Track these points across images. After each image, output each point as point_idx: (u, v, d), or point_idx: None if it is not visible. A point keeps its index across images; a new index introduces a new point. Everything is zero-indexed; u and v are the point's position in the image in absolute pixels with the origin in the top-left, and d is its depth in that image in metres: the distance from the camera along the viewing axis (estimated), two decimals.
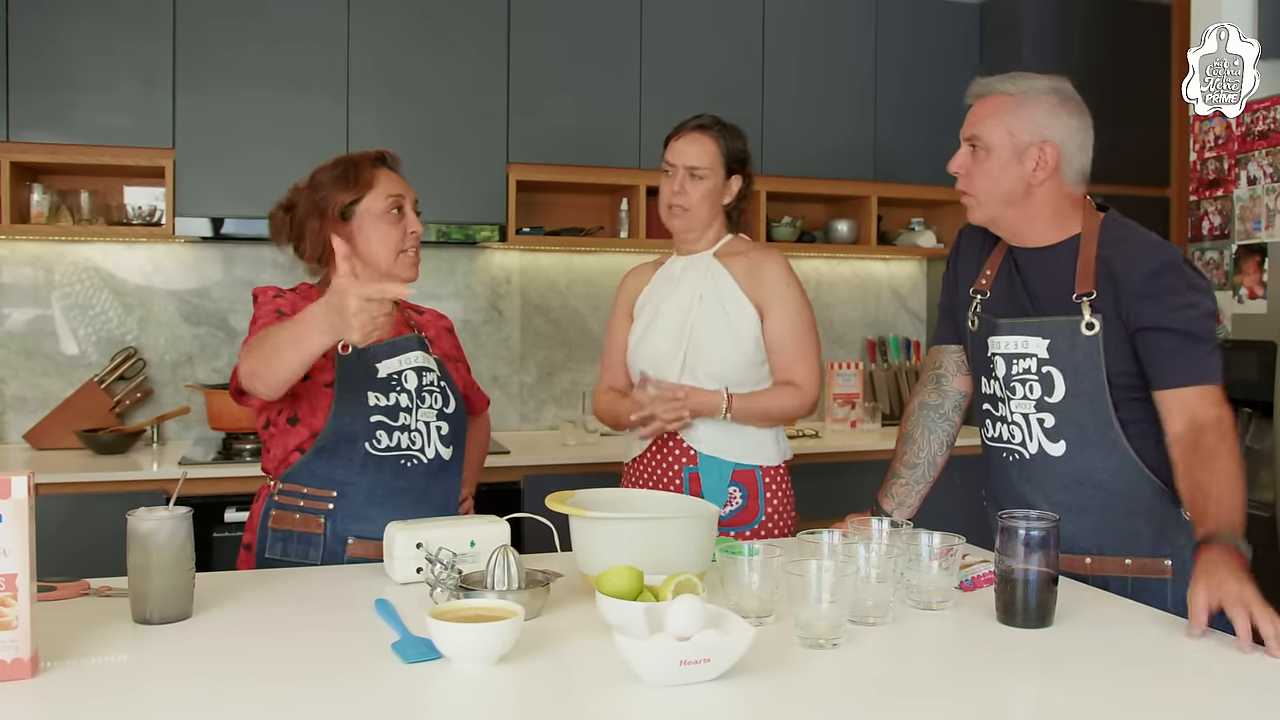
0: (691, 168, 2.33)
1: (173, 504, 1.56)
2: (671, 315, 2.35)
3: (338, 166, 2.01)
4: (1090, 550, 1.84)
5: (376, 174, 2.01)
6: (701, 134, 2.35)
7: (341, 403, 1.93)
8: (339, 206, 1.97)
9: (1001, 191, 1.88)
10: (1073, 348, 1.82)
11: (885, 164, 4.08)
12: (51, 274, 3.59)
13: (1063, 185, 1.88)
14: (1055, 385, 1.84)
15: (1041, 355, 1.85)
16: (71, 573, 1.71)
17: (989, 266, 2.00)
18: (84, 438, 3.37)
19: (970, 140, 1.91)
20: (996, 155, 1.87)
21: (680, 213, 2.35)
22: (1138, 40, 4.14)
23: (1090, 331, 1.80)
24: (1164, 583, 1.81)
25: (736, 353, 2.29)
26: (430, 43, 3.57)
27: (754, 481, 2.32)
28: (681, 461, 2.31)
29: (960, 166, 1.92)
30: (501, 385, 4.02)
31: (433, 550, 1.66)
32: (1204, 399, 1.74)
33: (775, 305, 2.32)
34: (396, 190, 2.02)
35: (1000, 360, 1.91)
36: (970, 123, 1.92)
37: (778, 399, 2.31)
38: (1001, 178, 1.87)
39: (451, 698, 1.26)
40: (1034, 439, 1.87)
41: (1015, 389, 1.88)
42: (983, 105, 1.91)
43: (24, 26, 3.23)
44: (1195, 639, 1.45)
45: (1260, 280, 3.17)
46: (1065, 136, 1.86)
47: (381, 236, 1.99)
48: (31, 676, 1.26)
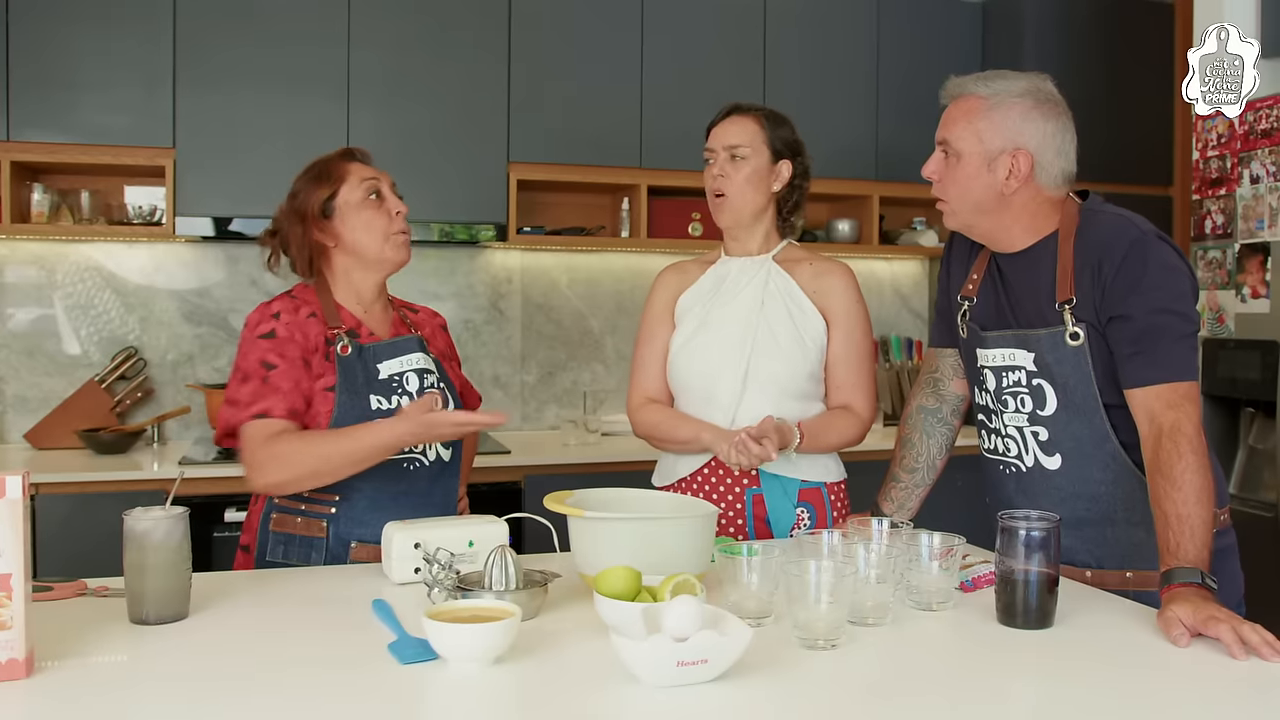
0: (731, 147, 2.15)
1: (170, 503, 1.56)
2: (726, 323, 2.15)
3: (309, 170, 2.02)
4: (1090, 564, 1.82)
5: (347, 167, 2.01)
6: (740, 115, 2.18)
7: (343, 407, 1.92)
8: (317, 204, 1.97)
9: (973, 200, 1.80)
10: (1059, 360, 1.77)
11: (887, 163, 4.07)
12: (53, 274, 3.59)
13: (1039, 191, 1.79)
14: (1046, 398, 1.79)
15: (1030, 368, 1.80)
16: (72, 573, 1.71)
17: (975, 270, 1.95)
18: (85, 437, 3.37)
19: (941, 145, 1.83)
20: (967, 162, 1.78)
21: (719, 199, 2.16)
22: (1140, 39, 4.13)
23: (1075, 342, 1.74)
24: None
25: (802, 365, 2.12)
26: (430, 42, 3.57)
27: (820, 500, 2.16)
28: (743, 483, 2.13)
29: (933, 172, 1.84)
30: (503, 385, 4.02)
31: (430, 550, 1.65)
32: (1162, 399, 1.65)
33: (842, 319, 2.15)
34: (370, 175, 2.01)
35: (990, 373, 1.86)
36: (942, 126, 1.83)
37: (842, 431, 2.13)
38: (972, 185, 1.79)
39: (448, 698, 1.25)
40: (1029, 452, 1.83)
41: (1007, 402, 1.84)
42: (955, 107, 1.82)
43: (25, 26, 3.23)
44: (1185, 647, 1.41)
45: (1263, 279, 3.16)
46: (1040, 142, 1.77)
47: (366, 224, 1.98)
48: (27, 677, 1.25)
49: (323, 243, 1.98)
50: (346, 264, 2.01)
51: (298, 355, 1.90)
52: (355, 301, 2.03)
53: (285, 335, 1.91)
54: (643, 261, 4.15)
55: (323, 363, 1.93)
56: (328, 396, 1.92)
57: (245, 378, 1.88)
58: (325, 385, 1.93)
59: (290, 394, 1.86)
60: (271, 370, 1.87)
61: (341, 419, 1.91)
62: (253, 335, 1.92)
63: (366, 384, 1.94)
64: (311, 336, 1.94)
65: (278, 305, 1.97)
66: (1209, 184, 3.36)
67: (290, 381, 1.87)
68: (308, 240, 1.97)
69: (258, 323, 1.94)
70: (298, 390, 1.87)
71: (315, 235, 1.97)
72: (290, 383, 1.87)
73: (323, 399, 1.92)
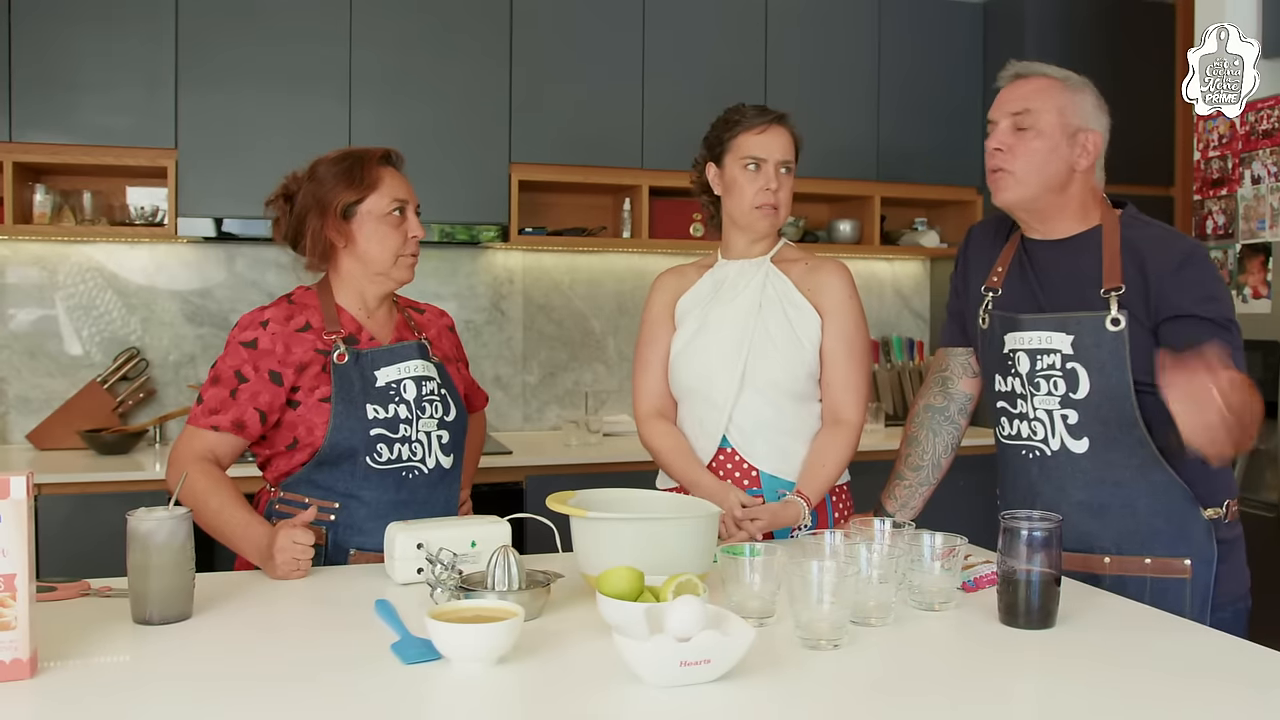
0: (783, 162, 2.14)
1: (173, 504, 1.56)
2: (724, 325, 2.15)
3: (342, 162, 1.98)
4: (1110, 550, 1.83)
5: (382, 174, 1.98)
6: (783, 127, 2.16)
7: (339, 417, 1.91)
8: (342, 205, 1.95)
9: (1048, 172, 1.84)
10: (1098, 344, 1.80)
11: (888, 163, 4.07)
12: (55, 274, 3.60)
13: (1092, 180, 1.88)
14: (1080, 382, 1.82)
15: (1066, 351, 1.83)
16: (74, 573, 1.71)
17: (1000, 264, 1.98)
18: (87, 438, 3.37)
19: (1019, 115, 1.85)
20: (1048, 135, 1.84)
21: (771, 212, 2.14)
22: (1141, 39, 4.13)
23: (1116, 328, 1.79)
24: (1183, 583, 1.79)
25: (799, 364, 2.11)
26: (433, 42, 3.57)
27: (823, 504, 2.14)
28: (743, 484, 2.11)
29: (1003, 142, 1.86)
30: (504, 385, 4.02)
31: (433, 551, 1.65)
32: None
33: (835, 313, 2.14)
34: (401, 195, 1.99)
35: (1024, 356, 1.88)
36: (1017, 99, 1.87)
37: (838, 458, 2.10)
38: (1050, 158, 1.84)
39: (451, 698, 1.25)
40: (1056, 435, 1.85)
41: (1039, 385, 1.86)
42: (1028, 84, 1.87)
43: (26, 27, 3.23)
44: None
45: (1265, 280, 3.16)
46: (1103, 129, 1.88)
47: (382, 239, 1.97)
48: (31, 677, 1.25)
49: (334, 241, 1.98)
50: (352, 267, 2.00)
51: (268, 369, 1.91)
52: (359, 305, 2.02)
53: (266, 347, 1.92)
54: (644, 262, 4.15)
55: (317, 374, 1.93)
56: (323, 408, 1.92)
57: (217, 380, 1.93)
58: (321, 397, 1.92)
59: (245, 406, 1.90)
60: (243, 384, 1.90)
61: (338, 429, 1.91)
62: (237, 338, 1.94)
63: (363, 392, 1.94)
64: (296, 352, 1.93)
65: (270, 313, 1.96)
66: (1210, 184, 3.36)
67: (250, 394, 1.90)
68: (323, 233, 1.96)
69: (245, 327, 1.95)
70: (252, 403, 1.90)
71: (330, 232, 1.97)
72: (248, 395, 1.90)
73: (317, 410, 1.92)
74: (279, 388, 1.91)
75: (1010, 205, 1.90)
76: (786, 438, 2.12)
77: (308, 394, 1.92)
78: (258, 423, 1.91)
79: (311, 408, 1.92)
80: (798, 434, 2.13)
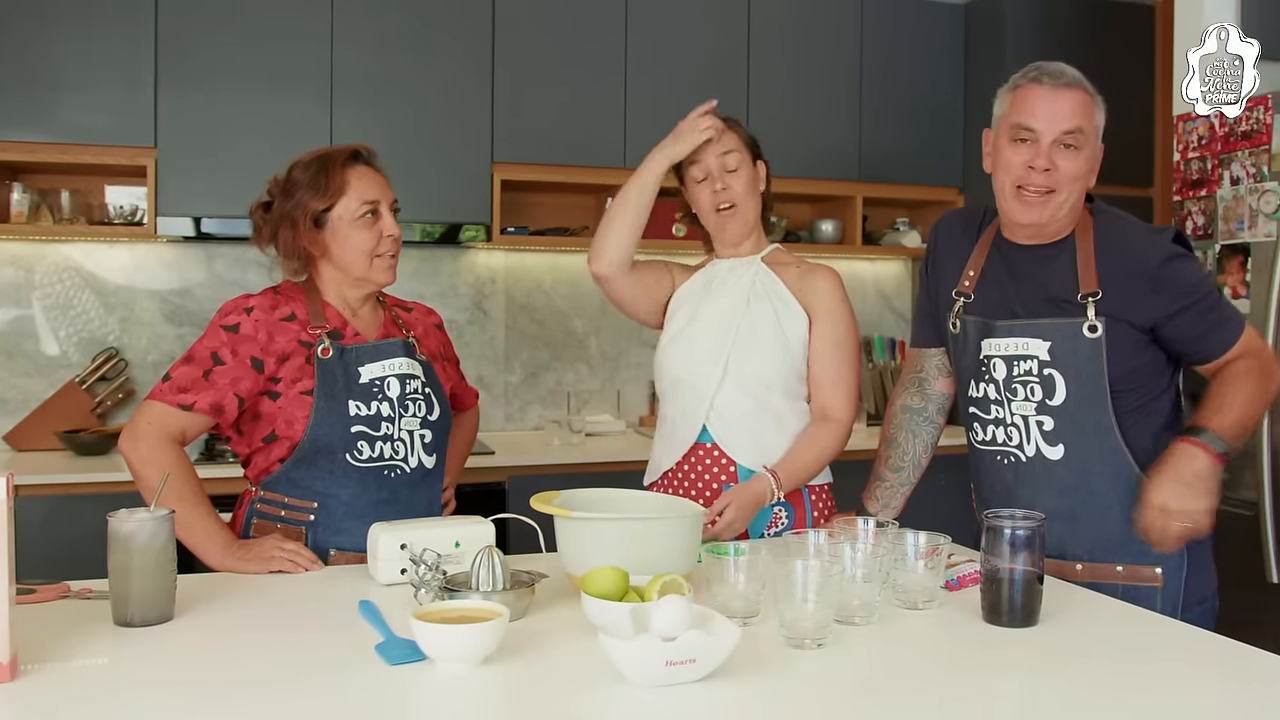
0: (726, 154, 2.15)
1: (154, 506, 1.55)
2: (712, 318, 2.17)
3: (310, 168, 1.95)
4: (1082, 557, 1.83)
5: (348, 177, 1.95)
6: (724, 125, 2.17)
7: (321, 412, 1.90)
8: (312, 215, 1.93)
9: (1082, 190, 1.86)
10: (1075, 351, 1.80)
11: (870, 164, 4.08)
12: (32, 274, 3.56)
13: None
14: (1056, 388, 1.82)
15: (1043, 357, 1.83)
16: (52, 575, 1.69)
17: (972, 267, 1.96)
18: (65, 439, 3.34)
19: (1071, 134, 1.81)
20: (1089, 156, 1.85)
21: (734, 211, 2.17)
22: (1122, 40, 4.15)
23: (1093, 334, 1.79)
24: (1154, 591, 1.80)
25: (786, 362, 2.12)
26: (414, 42, 3.56)
27: (800, 501, 2.15)
28: (721, 479, 2.13)
29: (1052, 162, 1.81)
30: (486, 385, 4.01)
31: (417, 551, 1.65)
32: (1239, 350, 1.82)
33: (824, 316, 2.15)
34: (372, 195, 1.96)
35: (1000, 363, 1.88)
36: (1066, 115, 1.81)
37: (821, 449, 2.11)
38: (1090, 175, 1.86)
39: (435, 699, 1.25)
40: (1032, 442, 1.85)
41: (1016, 391, 1.86)
42: (1073, 97, 1.83)
43: (5, 25, 3.20)
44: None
45: (1244, 280, 3.18)
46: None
47: (355, 245, 1.95)
48: (10, 680, 1.24)
49: (310, 250, 1.96)
50: (332, 274, 1.99)
51: (249, 355, 1.89)
52: (344, 304, 2.01)
53: (248, 333, 1.90)
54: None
55: (300, 366, 1.92)
56: (304, 401, 1.90)
57: (190, 359, 1.89)
58: (302, 389, 1.91)
59: (223, 390, 1.87)
60: (219, 365, 1.87)
61: (319, 424, 1.90)
62: (218, 322, 1.92)
63: (346, 388, 1.92)
64: (279, 341, 1.91)
65: (255, 300, 1.95)
66: (1189, 185, 3.39)
67: (229, 379, 1.87)
68: (297, 245, 1.95)
69: (229, 312, 1.93)
70: (232, 389, 1.87)
71: (304, 242, 1.95)
72: (228, 379, 1.87)
73: (298, 403, 1.90)
74: (259, 375, 1.89)
75: (1042, 224, 1.85)
76: (767, 432, 2.13)
77: (289, 385, 1.91)
78: (235, 409, 1.88)
79: (292, 400, 1.91)
80: (779, 430, 2.13)
